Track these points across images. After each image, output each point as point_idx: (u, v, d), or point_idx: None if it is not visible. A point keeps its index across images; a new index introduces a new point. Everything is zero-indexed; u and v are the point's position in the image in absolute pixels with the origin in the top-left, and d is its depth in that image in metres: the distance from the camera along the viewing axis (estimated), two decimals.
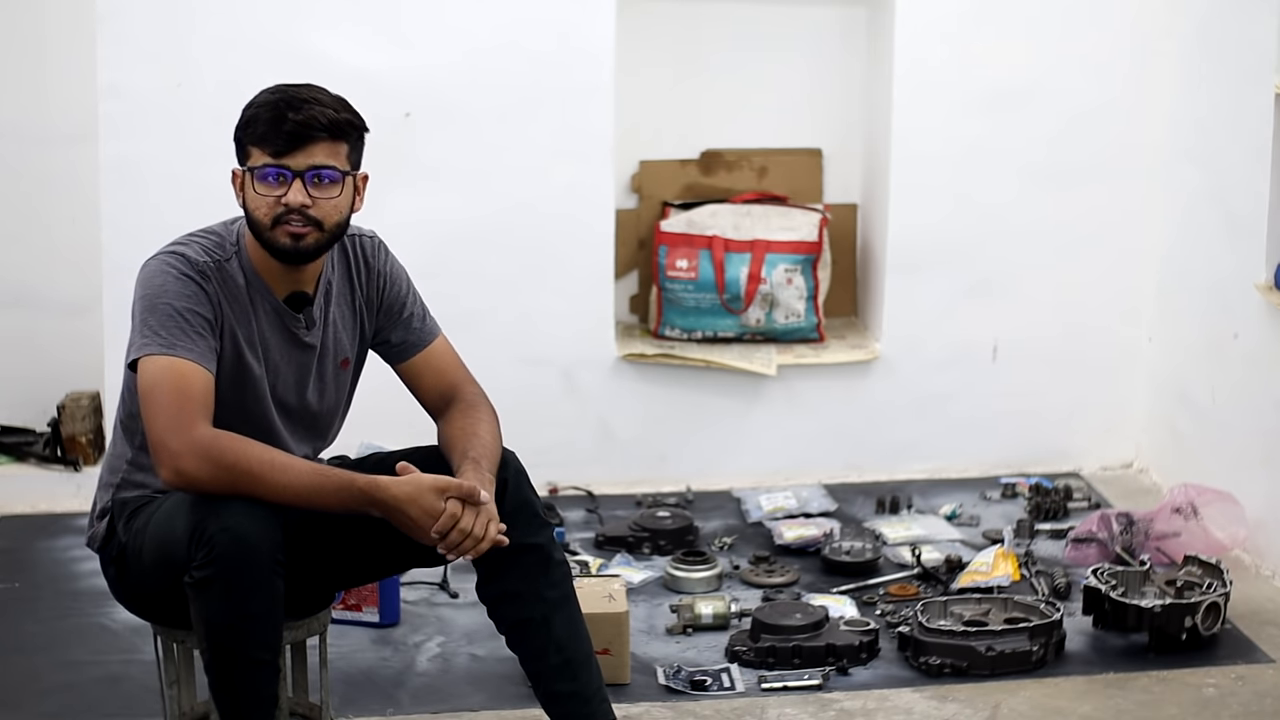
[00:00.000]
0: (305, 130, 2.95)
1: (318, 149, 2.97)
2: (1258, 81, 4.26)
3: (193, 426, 2.89)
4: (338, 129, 2.98)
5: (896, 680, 3.72)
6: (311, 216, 2.98)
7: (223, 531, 2.82)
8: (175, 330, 2.93)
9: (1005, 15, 4.81)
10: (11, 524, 4.63)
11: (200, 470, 2.87)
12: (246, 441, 2.91)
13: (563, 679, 3.10)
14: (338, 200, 3.00)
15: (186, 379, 2.92)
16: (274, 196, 2.97)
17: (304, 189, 2.96)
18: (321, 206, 2.98)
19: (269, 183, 2.97)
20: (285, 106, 2.96)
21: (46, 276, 4.94)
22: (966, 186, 4.88)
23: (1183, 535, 4.25)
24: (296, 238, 2.98)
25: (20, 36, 4.87)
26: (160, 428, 2.89)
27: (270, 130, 2.95)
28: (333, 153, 2.98)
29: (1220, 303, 4.52)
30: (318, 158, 2.97)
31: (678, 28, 5.01)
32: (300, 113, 2.95)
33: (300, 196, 2.96)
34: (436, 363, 3.24)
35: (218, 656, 2.88)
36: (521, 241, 4.77)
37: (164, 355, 2.92)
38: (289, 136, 2.94)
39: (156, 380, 2.91)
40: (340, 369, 3.17)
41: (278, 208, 2.97)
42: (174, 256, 3.00)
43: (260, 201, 2.98)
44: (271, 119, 2.95)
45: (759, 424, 4.93)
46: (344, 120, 3.00)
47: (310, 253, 3.02)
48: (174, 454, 2.88)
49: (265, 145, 2.96)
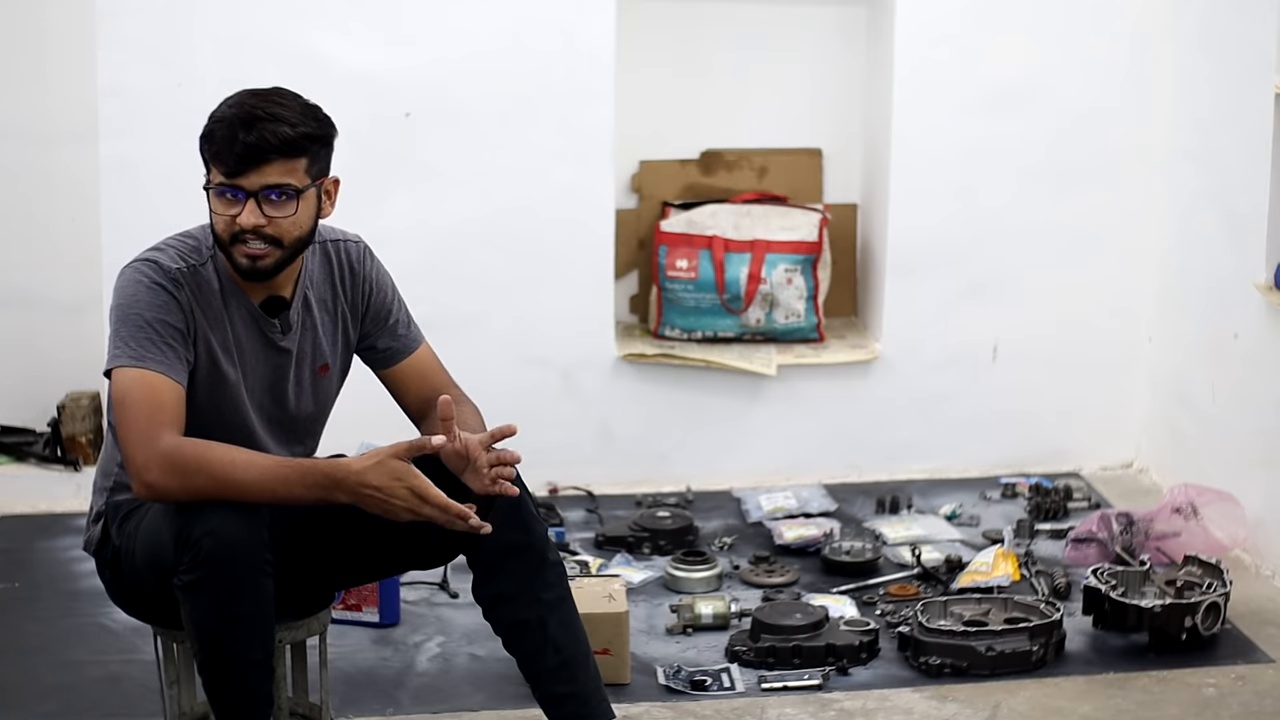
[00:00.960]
0: (256, 152, 2.90)
1: (270, 169, 2.92)
2: (1258, 81, 4.26)
3: (158, 438, 2.88)
4: (292, 146, 2.92)
5: (896, 680, 3.72)
6: (268, 235, 2.95)
7: (207, 535, 2.82)
8: (145, 342, 2.93)
9: (1005, 15, 4.82)
10: (11, 524, 4.63)
11: (167, 481, 2.87)
12: (209, 445, 2.89)
13: (561, 680, 3.10)
14: (295, 217, 2.96)
15: (155, 390, 2.91)
16: (229, 215, 2.94)
17: (258, 209, 2.93)
18: (278, 225, 2.95)
19: (224, 200, 2.95)
20: (239, 124, 2.91)
21: (46, 276, 4.94)
22: (966, 187, 4.88)
23: (1183, 535, 4.25)
24: (254, 258, 2.96)
25: (20, 36, 4.87)
26: (129, 441, 2.90)
27: (223, 149, 2.91)
28: (288, 170, 2.93)
29: (1220, 303, 4.52)
30: (271, 177, 2.92)
31: (678, 28, 5.01)
32: (252, 132, 2.90)
33: (253, 218, 2.93)
34: (421, 369, 3.23)
35: (210, 658, 2.89)
36: (521, 242, 4.77)
37: (133, 367, 2.92)
38: (239, 158, 2.90)
39: (126, 392, 2.91)
40: (319, 374, 3.15)
41: (233, 226, 2.94)
42: (147, 265, 2.98)
43: (218, 219, 2.96)
44: (225, 137, 2.91)
45: (759, 424, 4.93)
46: (299, 136, 2.93)
47: (269, 271, 2.99)
48: (141, 467, 2.88)
49: (219, 163, 2.93)
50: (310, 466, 2.91)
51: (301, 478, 2.89)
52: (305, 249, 3.04)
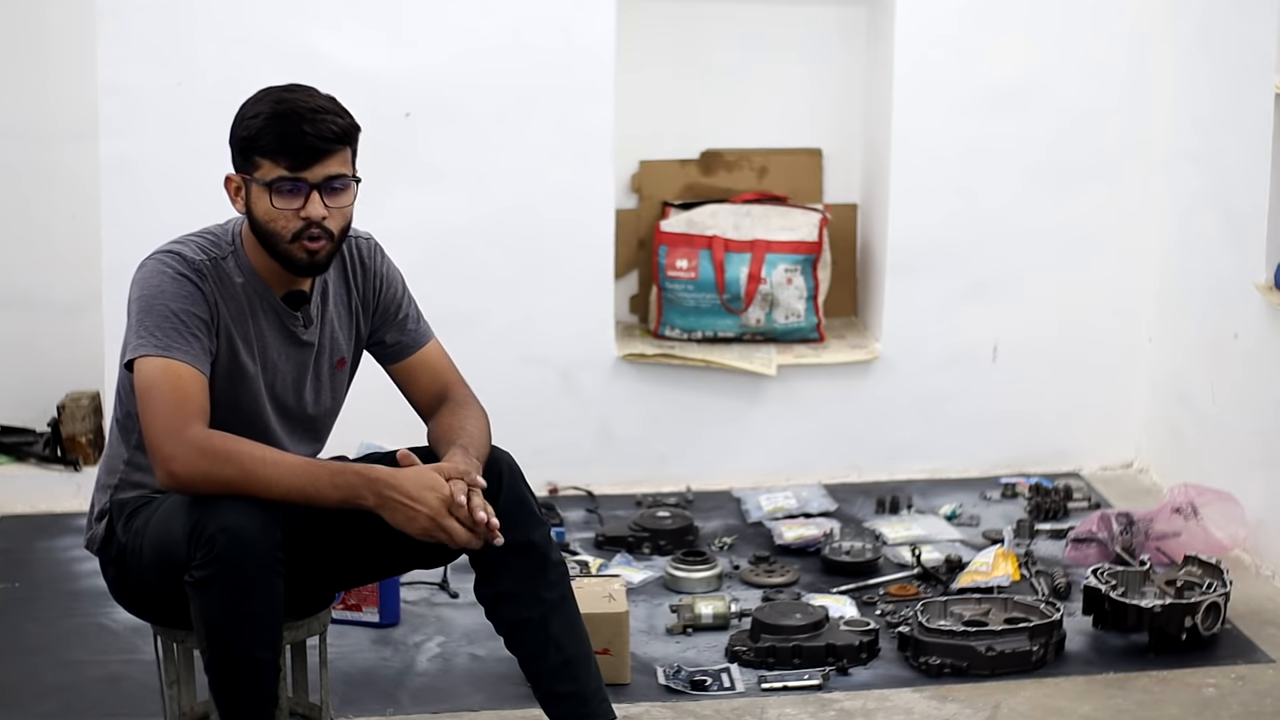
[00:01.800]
0: (323, 142, 2.94)
1: (331, 160, 2.96)
2: (1258, 81, 4.26)
3: (187, 428, 2.89)
4: (347, 137, 2.99)
5: (896, 680, 3.72)
6: (326, 228, 2.98)
7: (222, 531, 2.82)
8: (171, 331, 2.93)
9: (1005, 15, 4.82)
10: (11, 524, 4.63)
11: (195, 471, 2.87)
12: (240, 440, 2.91)
13: (561, 679, 3.10)
14: (349, 208, 3.02)
15: (182, 381, 2.92)
16: (292, 210, 2.96)
17: (321, 201, 2.96)
18: (335, 216, 2.99)
19: (285, 196, 2.96)
20: (297, 118, 2.94)
21: (46, 276, 4.94)
22: (966, 186, 4.88)
23: (1183, 535, 4.25)
24: (313, 253, 2.99)
25: (20, 35, 4.87)
26: (156, 430, 2.90)
27: (284, 143, 2.93)
28: (344, 161, 2.99)
29: (1220, 303, 4.52)
30: (332, 168, 2.97)
31: (678, 28, 5.01)
32: (314, 125, 2.94)
33: (319, 209, 2.96)
34: (430, 364, 3.24)
35: (218, 656, 2.88)
36: (521, 241, 4.77)
37: (159, 357, 2.92)
38: (308, 150, 2.94)
39: (152, 382, 2.92)
40: (336, 369, 3.17)
41: (297, 221, 2.96)
42: (171, 256, 3.00)
43: (277, 215, 2.97)
44: (285, 132, 2.93)
45: (759, 424, 4.93)
46: (349, 125, 3.00)
47: (324, 264, 3.03)
48: (168, 456, 2.88)
49: (280, 158, 2.94)
50: (341, 468, 2.93)
51: (331, 478, 2.91)
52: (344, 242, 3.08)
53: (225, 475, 2.87)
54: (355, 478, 2.91)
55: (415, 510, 2.90)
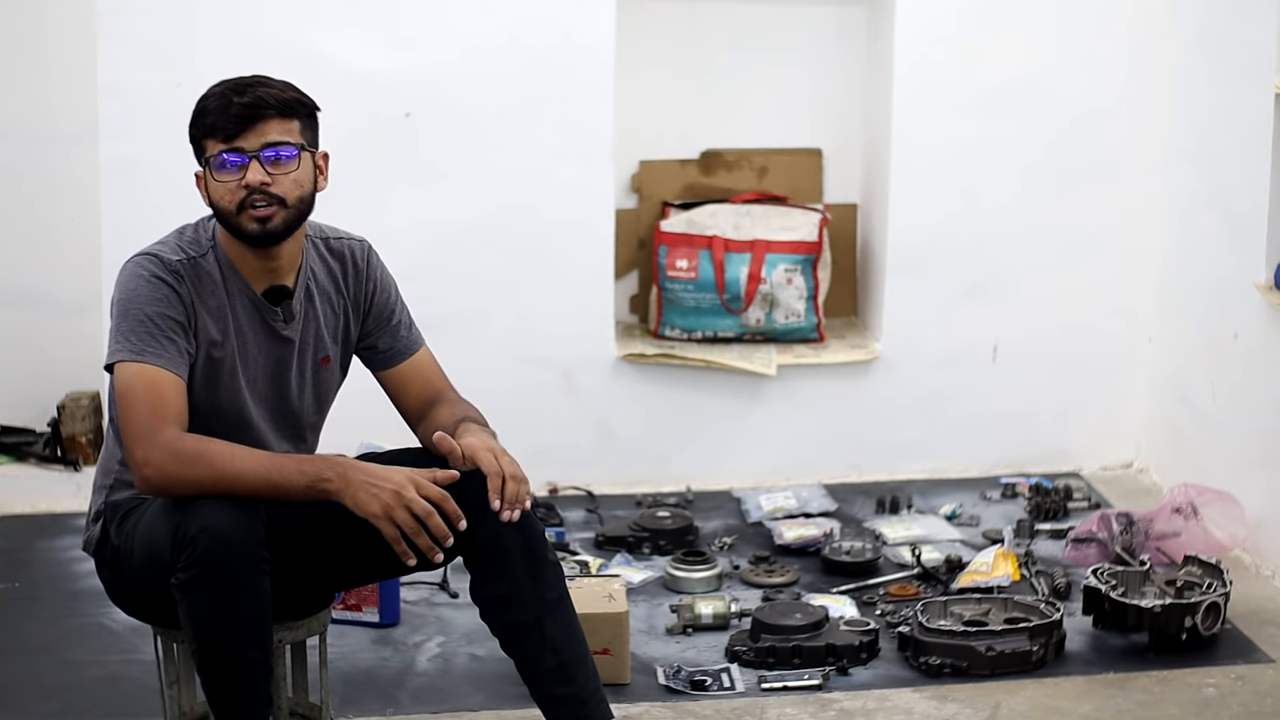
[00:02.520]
0: (254, 110, 2.97)
1: (269, 127, 2.98)
2: (1258, 81, 4.26)
3: (160, 432, 2.91)
4: (286, 106, 3.00)
5: (896, 680, 3.72)
6: (273, 194, 2.99)
7: (203, 531, 2.82)
8: (145, 336, 2.95)
9: (1005, 15, 4.82)
10: (11, 524, 4.63)
11: (167, 474, 2.89)
12: (209, 440, 2.93)
13: (559, 682, 3.08)
14: (296, 174, 3.01)
15: (156, 385, 2.93)
16: (234, 181, 2.98)
17: (261, 168, 2.98)
18: (281, 183, 2.99)
19: (227, 169, 2.98)
20: (231, 92, 2.99)
21: (46, 276, 4.94)
22: (966, 187, 4.88)
23: (1183, 535, 4.25)
24: (263, 220, 2.99)
25: (20, 36, 4.87)
26: (130, 435, 2.93)
27: (220, 117, 2.97)
28: (285, 129, 3.00)
29: (1220, 303, 4.52)
30: (270, 135, 2.98)
31: (678, 28, 5.01)
32: (246, 95, 2.98)
33: (259, 175, 2.97)
34: (421, 371, 3.25)
35: (208, 657, 2.89)
36: (521, 241, 4.77)
37: (134, 362, 2.94)
38: (238, 119, 2.96)
39: (128, 387, 2.94)
40: (320, 366, 3.17)
41: (239, 192, 2.98)
42: (148, 258, 3.02)
43: (222, 190, 2.99)
44: (219, 107, 2.98)
45: (759, 424, 4.93)
46: (291, 98, 3.02)
47: (280, 233, 3.02)
48: (141, 461, 2.90)
49: (217, 133, 2.98)
50: (307, 456, 2.98)
51: (297, 464, 2.93)
52: (306, 216, 3.07)
53: (196, 475, 2.88)
54: (320, 462, 2.94)
55: (380, 489, 2.89)
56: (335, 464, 2.93)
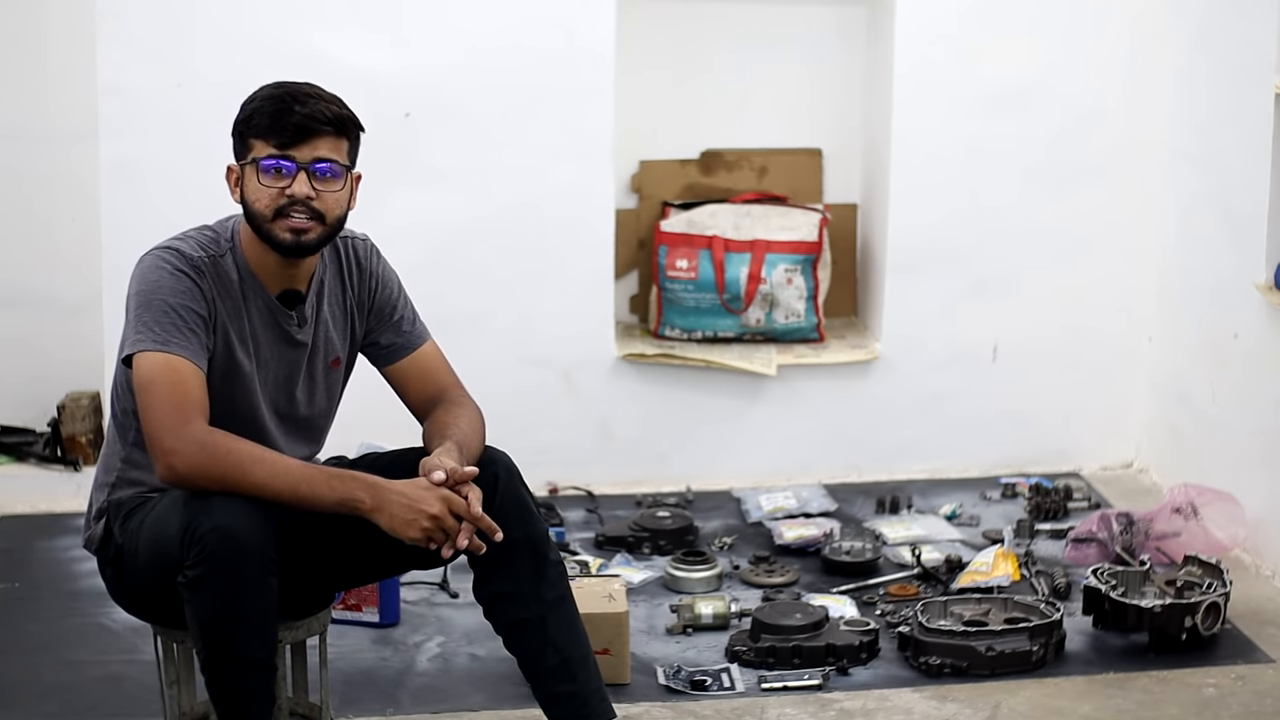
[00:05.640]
0: (311, 123, 2.97)
1: (322, 143, 2.99)
2: (1258, 81, 4.26)
3: (188, 423, 2.90)
4: (341, 125, 3.01)
5: (896, 680, 3.72)
6: (315, 209, 2.99)
7: (213, 530, 2.82)
8: (169, 326, 2.94)
9: (1005, 15, 4.82)
10: (11, 524, 4.63)
11: (194, 467, 2.88)
12: (239, 439, 2.93)
13: (560, 680, 3.10)
14: (339, 194, 3.02)
15: (182, 376, 2.93)
16: (277, 188, 2.98)
17: (308, 181, 2.98)
18: (324, 200, 3.00)
19: (272, 175, 2.98)
20: (291, 100, 2.98)
21: (46, 276, 4.94)
22: (967, 186, 4.88)
23: (1183, 535, 4.25)
24: (298, 232, 2.99)
25: (20, 36, 4.87)
26: (156, 425, 2.91)
27: (275, 122, 2.97)
28: (336, 148, 3.00)
29: (1220, 303, 4.52)
30: (322, 151, 2.99)
31: (678, 28, 5.01)
32: (306, 106, 2.97)
33: (304, 188, 2.97)
34: (425, 366, 3.25)
35: (213, 656, 2.89)
36: (522, 241, 4.77)
37: (159, 352, 2.93)
38: (295, 129, 2.96)
39: (152, 377, 2.92)
40: (330, 368, 3.17)
41: (281, 199, 2.98)
42: (169, 252, 3.01)
43: (262, 193, 2.99)
44: (276, 111, 2.97)
45: (759, 424, 4.93)
46: (347, 116, 3.03)
47: (311, 247, 3.03)
48: (168, 451, 2.89)
49: (269, 137, 2.97)
50: (338, 472, 2.97)
51: (328, 480, 2.93)
52: (337, 234, 3.08)
53: (222, 472, 2.88)
54: (352, 481, 2.93)
55: (413, 509, 2.91)
56: (368, 485, 2.93)
